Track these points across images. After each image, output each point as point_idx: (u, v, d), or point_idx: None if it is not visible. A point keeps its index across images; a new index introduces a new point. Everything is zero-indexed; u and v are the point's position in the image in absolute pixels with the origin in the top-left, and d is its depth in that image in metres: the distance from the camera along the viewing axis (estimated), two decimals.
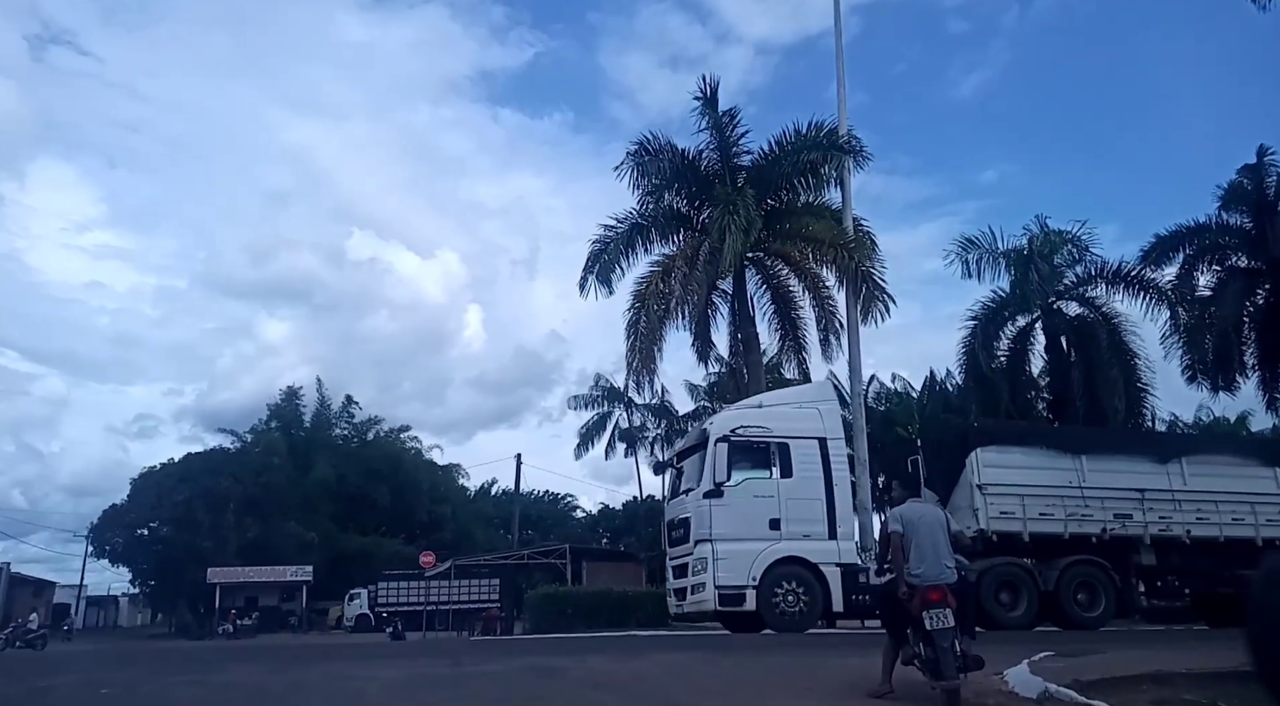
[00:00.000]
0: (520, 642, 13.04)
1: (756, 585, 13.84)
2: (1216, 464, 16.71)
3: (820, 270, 22.51)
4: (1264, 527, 16.15)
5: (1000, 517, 15.28)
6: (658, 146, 23.04)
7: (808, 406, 15.80)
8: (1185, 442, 18.42)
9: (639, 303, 22.93)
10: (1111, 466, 16.18)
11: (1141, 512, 15.87)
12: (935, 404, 31.55)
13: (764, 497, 14.52)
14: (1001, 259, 26.55)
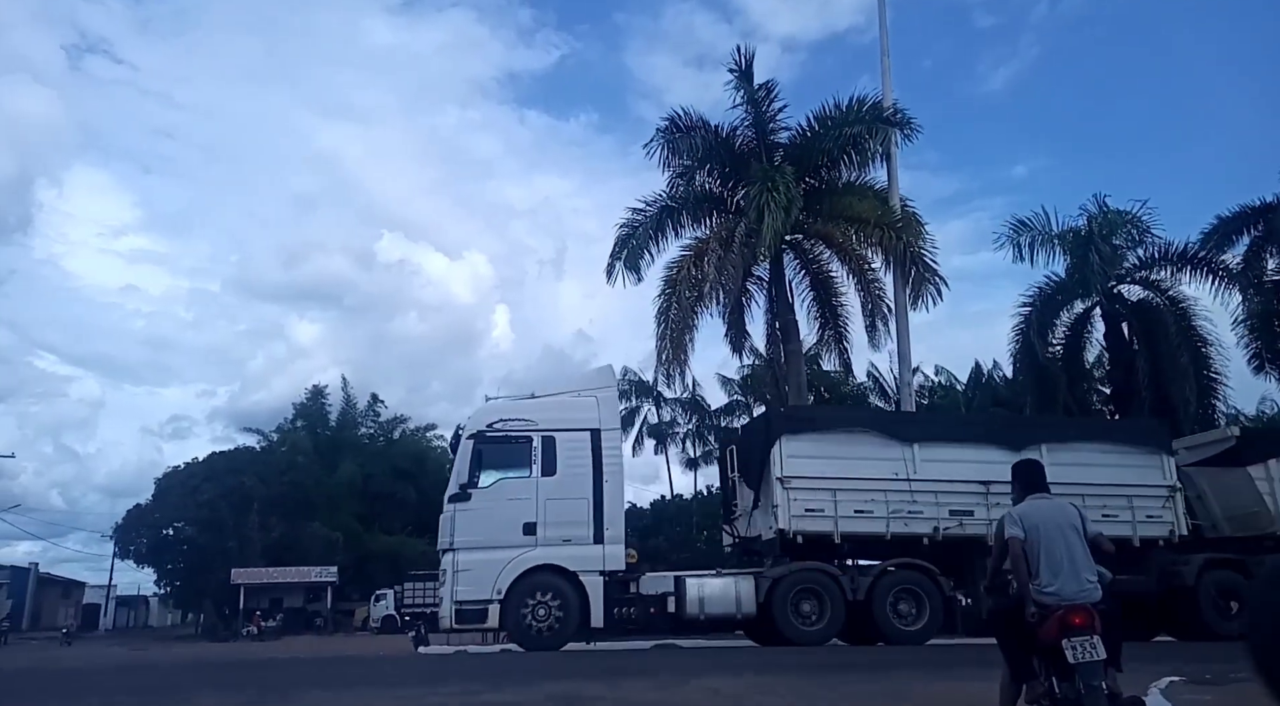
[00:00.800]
0: (544, 656, 11.68)
1: (502, 598, 12.22)
2: (1088, 451, 14.32)
3: (865, 252, 21.04)
4: (1143, 525, 13.91)
5: (805, 516, 13.22)
6: (689, 123, 21.66)
7: (586, 395, 13.86)
8: (1048, 428, 15.39)
9: (669, 288, 21.59)
10: (951, 455, 13.93)
11: (986, 509, 13.41)
12: (984, 397, 29.90)
13: (519, 499, 12.79)
14: (1056, 241, 24.86)
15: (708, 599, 12.66)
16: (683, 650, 13.36)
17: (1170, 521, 14.05)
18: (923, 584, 13.11)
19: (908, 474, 13.61)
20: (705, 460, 36.60)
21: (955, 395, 30.29)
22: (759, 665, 10.13)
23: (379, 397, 55.30)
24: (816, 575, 12.99)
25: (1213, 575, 13.74)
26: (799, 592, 12.86)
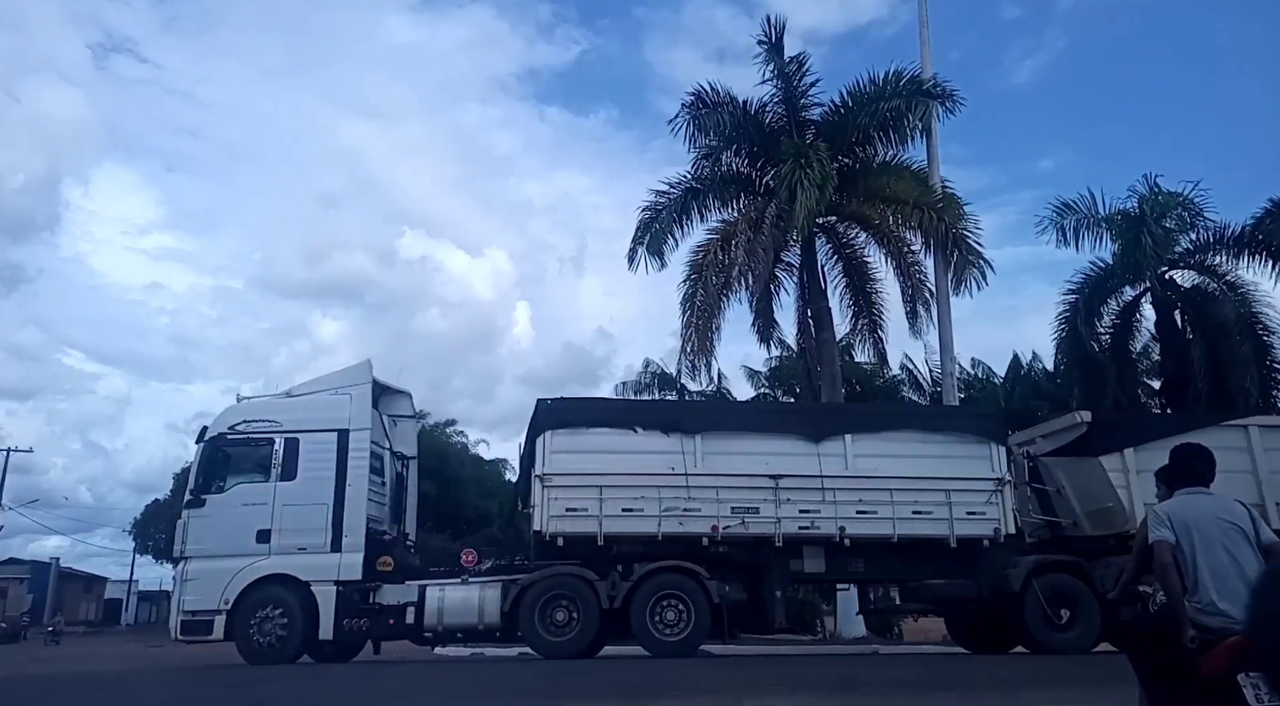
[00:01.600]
0: (566, 665, 10.68)
1: (229, 609, 11.63)
2: (901, 442, 12.91)
3: (905, 234, 19.84)
4: (962, 523, 12.41)
5: (565, 516, 12.11)
6: (716, 99, 20.57)
7: (340, 393, 12.97)
8: (853, 416, 14.16)
9: (695, 274, 20.50)
10: (740, 448, 12.58)
11: (775, 505, 12.25)
12: (1024, 390, 28.50)
13: (255, 505, 12.15)
14: (1103, 224, 23.46)
15: (447, 609, 11.88)
16: (718, 658, 12.36)
17: (995, 519, 12.49)
18: (687, 588, 11.82)
19: (686, 468, 12.29)
20: None
21: (993, 389, 28.89)
22: (815, 682, 9.05)
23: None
24: (569, 580, 11.91)
25: (1044, 579, 12.17)
26: (550, 600, 11.80)
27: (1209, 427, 13.00)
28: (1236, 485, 12.35)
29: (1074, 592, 12.12)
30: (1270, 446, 12.91)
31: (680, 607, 11.72)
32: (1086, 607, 11.96)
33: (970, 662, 12.16)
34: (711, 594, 11.67)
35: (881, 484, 12.38)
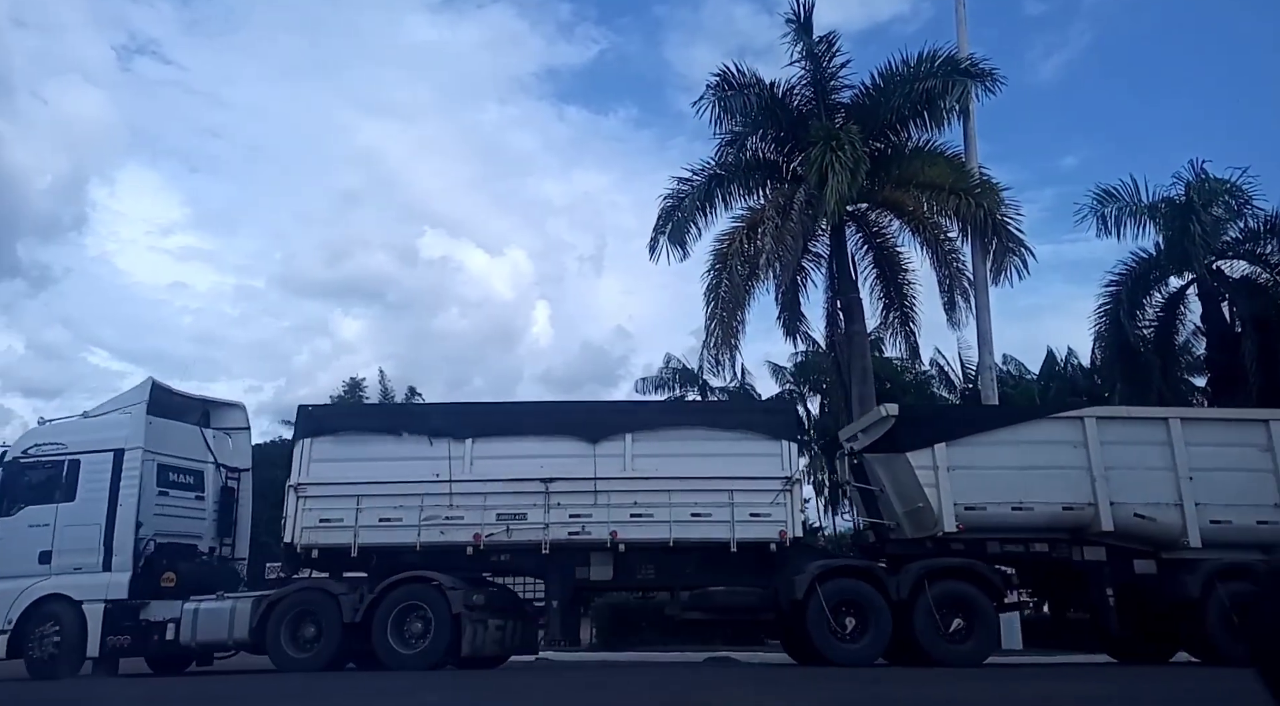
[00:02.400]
0: (585, 671, 9.92)
1: (11, 628, 11.96)
2: (683, 440, 12.17)
3: (941, 221, 18.90)
4: (744, 525, 11.69)
5: (319, 527, 11.81)
6: (743, 80, 19.69)
7: (122, 412, 12.92)
8: (634, 415, 13.25)
9: (719, 263, 19.66)
10: (512, 451, 12.10)
11: (544, 510, 11.75)
12: (1060, 387, 27.48)
13: (40, 527, 12.42)
14: (1146, 212, 22.39)
15: (200, 625, 11.83)
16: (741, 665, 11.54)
17: (781, 521, 11.73)
18: (430, 598, 11.38)
19: (451, 474, 11.87)
20: None
21: (1028, 385, 27.89)
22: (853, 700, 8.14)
23: (416, 391, 54.27)
24: (314, 595, 11.68)
25: (832, 585, 11.39)
26: (299, 615, 11.60)
27: (1038, 420, 12.57)
28: (1070, 482, 11.82)
29: (863, 600, 11.36)
30: (1109, 440, 12.07)
31: (423, 620, 11.41)
32: (877, 616, 11.26)
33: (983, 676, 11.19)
34: (452, 605, 11.24)
35: (659, 485, 11.76)
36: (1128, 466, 11.92)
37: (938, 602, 11.26)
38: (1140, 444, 12.10)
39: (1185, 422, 12.25)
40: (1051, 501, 11.83)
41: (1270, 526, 11.79)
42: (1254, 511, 11.85)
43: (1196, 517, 11.73)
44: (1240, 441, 12.11)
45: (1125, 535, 11.85)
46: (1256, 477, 11.92)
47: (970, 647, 11.26)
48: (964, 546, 11.90)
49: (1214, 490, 11.84)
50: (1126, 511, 11.76)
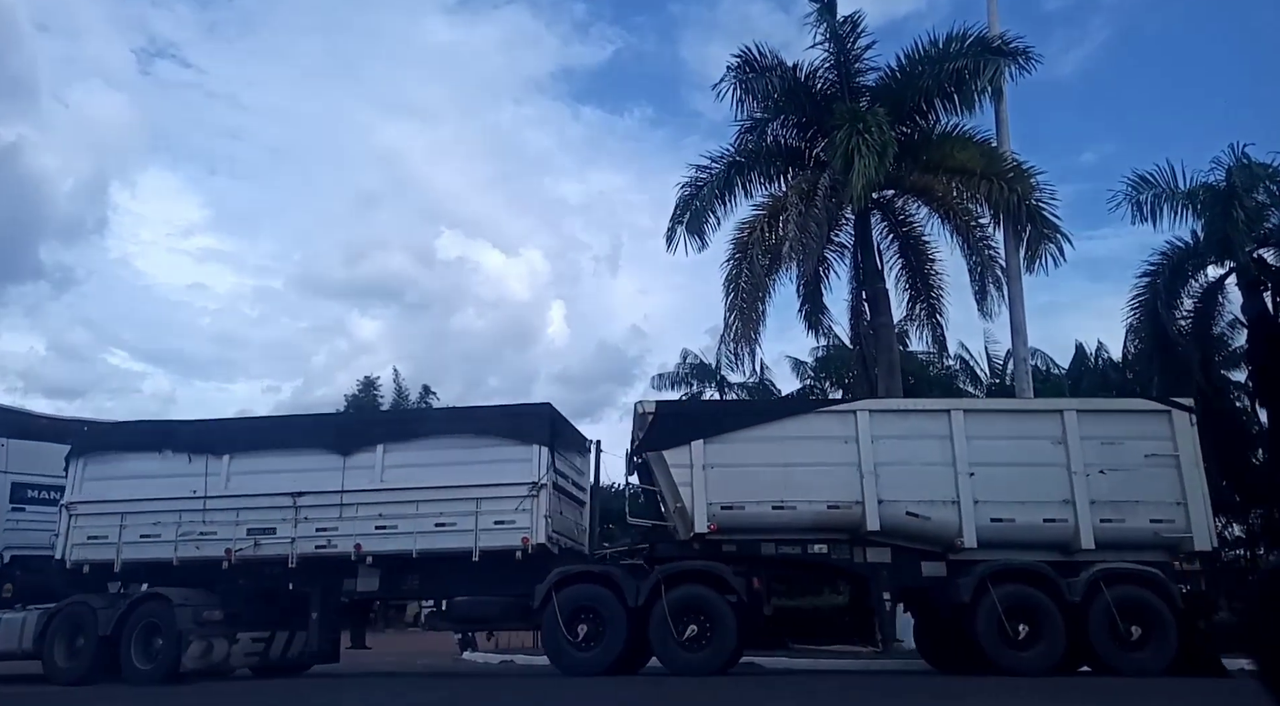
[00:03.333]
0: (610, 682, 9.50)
1: None
2: (435, 448, 12.09)
3: (973, 207, 18.13)
4: (489, 533, 11.50)
5: (87, 544, 12.30)
6: (765, 63, 18.98)
7: None
8: (386, 425, 13.52)
9: (739, 252, 18.96)
10: (267, 466, 12.24)
11: (293, 524, 11.87)
12: (1091, 382, 26.58)
13: None
14: (1184, 199, 21.50)
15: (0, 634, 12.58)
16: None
17: (526, 527, 11.48)
18: (162, 615, 11.78)
19: (207, 490, 12.19)
20: None
21: (1057, 381, 26.99)
22: None
23: (431, 389, 53.94)
24: (81, 608, 12.23)
25: (570, 592, 11.13)
26: (71, 627, 12.26)
27: (807, 414, 12.11)
28: (837, 478, 11.28)
29: (600, 606, 11.05)
30: (883, 434, 11.45)
31: (161, 635, 11.78)
32: (613, 623, 10.96)
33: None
34: (179, 621, 11.57)
35: (405, 495, 11.75)
36: (902, 462, 11.33)
37: (674, 608, 10.82)
38: (918, 438, 11.50)
39: (968, 414, 11.65)
40: (815, 499, 11.31)
41: (1058, 525, 11.06)
42: (1040, 509, 11.11)
43: (974, 516, 11.05)
44: (1030, 434, 11.40)
45: (899, 535, 11.26)
46: (1047, 472, 11.17)
47: (706, 655, 10.78)
48: (736, 548, 11.50)
49: (997, 486, 11.15)
50: (898, 510, 11.17)
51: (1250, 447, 22.89)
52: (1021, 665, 10.37)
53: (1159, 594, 10.51)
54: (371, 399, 53.79)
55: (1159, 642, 10.43)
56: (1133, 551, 10.98)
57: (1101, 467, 11.12)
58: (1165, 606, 10.45)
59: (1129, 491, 11.04)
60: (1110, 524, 11.00)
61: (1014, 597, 10.62)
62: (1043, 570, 10.79)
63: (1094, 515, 10.98)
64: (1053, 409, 11.86)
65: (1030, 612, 10.63)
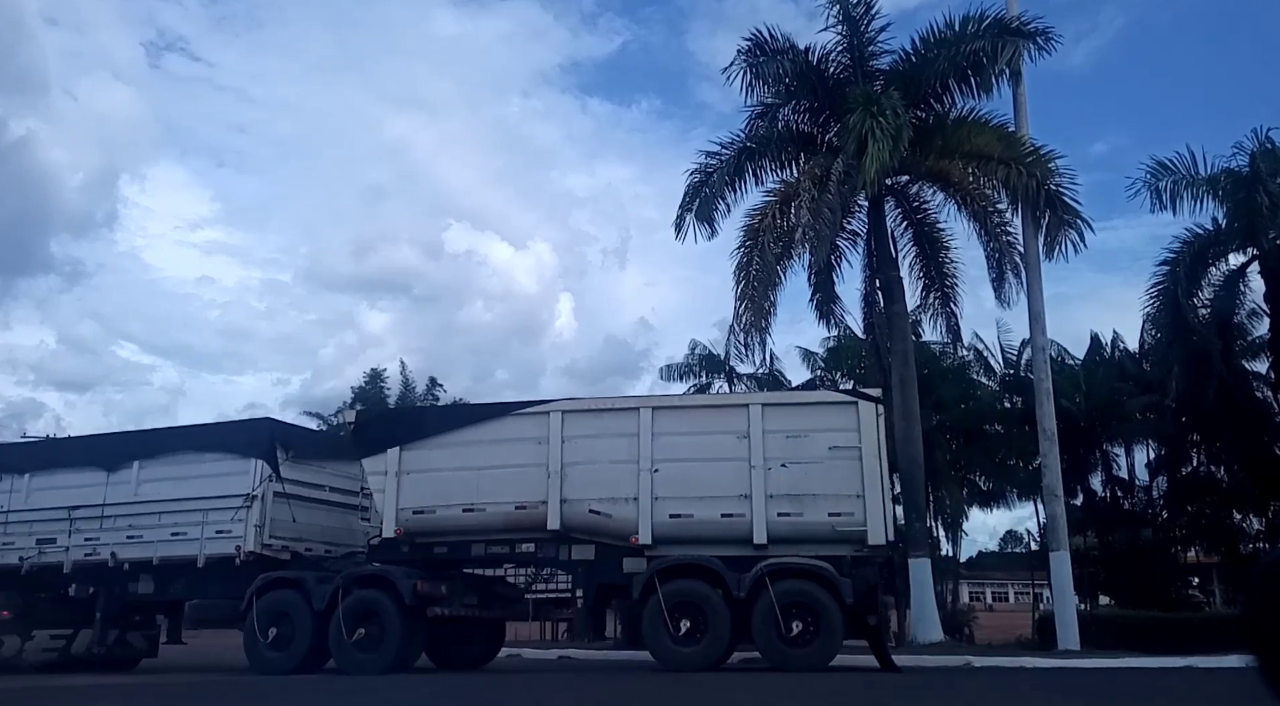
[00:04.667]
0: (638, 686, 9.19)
1: None
2: (181, 464, 13.10)
3: (991, 193, 17.69)
4: (212, 542, 12.41)
5: None
6: (776, 46, 18.54)
7: None
8: (140, 442, 14.04)
9: (750, 239, 18.56)
10: (54, 483, 13.75)
11: (68, 535, 13.29)
12: (1106, 372, 26.12)
13: None
14: (1205, 185, 21.03)
15: None
16: None
17: (239, 536, 12.27)
18: None
19: (10, 505, 13.83)
20: None
21: (1071, 371, 26.51)
22: None
23: (438, 382, 53.64)
24: None
25: (266, 598, 11.76)
26: None
27: (503, 417, 12.11)
28: (526, 480, 11.47)
29: (290, 610, 11.64)
30: (574, 434, 11.66)
31: None
32: (300, 625, 11.51)
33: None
34: None
35: (149, 508, 12.91)
36: (591, 461, 11.48)
37: (349, 612, 11.29)
38: (608, 437, 11.61)
39: (657, 411, 11.68)
40: (503, 501, 11.57)
41: (735, 520, 10.95)
42: (718, 504, 11.04)
43: (651, 512, 11.09)
44: (716, 429, 11.37)
45: (584, 532, 11.45)
46: (728, 467, 11.09)
47: (375, 656, 11.16)
48: (448, 549, 11.92)
49: (678, 482, 11.14)
50: (581, 508, 11.34)
51: (1274, 439, 22.44)
52: (682, 660, 10.42)
53: (826, 588, 10.34)
54: (379, 391, 53.43)
55: (825, 638, 10.33)
56: (811, 545, 10.81)
57: (784, 461, 10.99)
58: (832, 601, 10.27)
59: (809, 485, 10.90)
60: (788, 518, 10.87)
61: (680, 593, 10.63)
62: (711, 565, 10.72)
63: (771, 509, 10.87)
64: (739, 403, 12.15)
65: (696, 608, 10.64)
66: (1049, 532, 17.15)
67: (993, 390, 27.90)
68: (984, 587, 61.99)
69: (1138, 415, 24.82)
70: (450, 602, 11.68)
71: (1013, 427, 26.06)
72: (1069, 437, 22.23)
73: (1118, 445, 26.76)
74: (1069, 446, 22.28)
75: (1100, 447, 26.51)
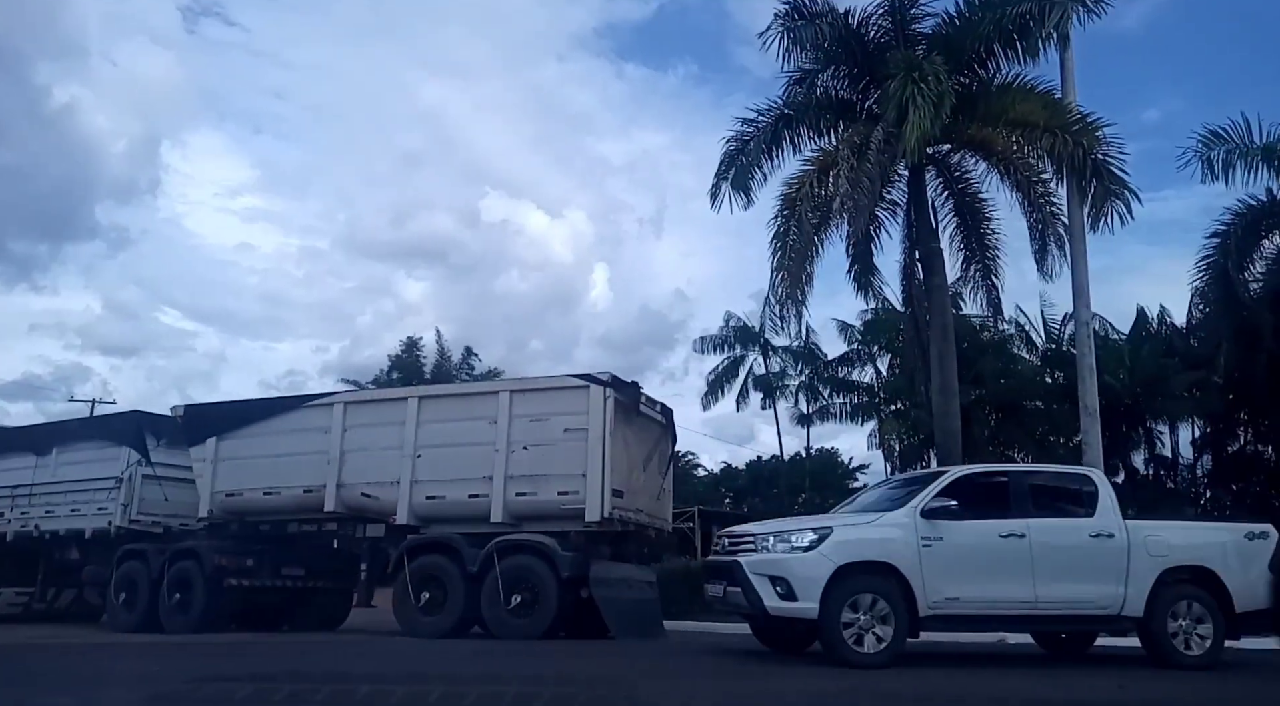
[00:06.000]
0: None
1: None
2: (83, 450, 15.56)
3: (1035, 162, 17.23)
4: (94, 517, 15.02)
5: None
6: (814, 10, 18.09)
7: None
8: (62, 432, 16.52)
9: (787, 209, 18.26)
10: (7, 465, 16.37)
11: (10, 509, 16.07)
12: (1153, 348, 25.51)
13: None
14: (1260, 154, 20.29)
15: None
16: None
17: (110, 513, 14.73)
18: None
19: None
20: (819, 417, 33.25)
21: (1115, 347, 25.93)
22: None
23: (473, 351, 54.05)
24: None
25: (124, 566, 14.15)
26: None
27: (299, 409, 13.68)
28: (313, 465, 13.00)
29: (136, 577, 13.91)
30: (355, 423, 13.06)
31: None
32: (141, 591, 13.75)
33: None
34: None
35: (58, 487, 15.38)
36: (365, 448, 12.88)
37: (171, 580, 13.42)
38: (381, 425, 12.91)
39: (423, 401, 13.00)
40: (294, 485, 13.24)
41: (480, 500, 12.09)
42: (467, 485, 12.22)
43: (409, 494, 12.39)
44: (472, 415, 12.45)
45: (360, 512, 13.01)
46: (477, 451, 12.21)
47: (190, 619, 13.22)
48: (270, 527, 13.80)
49: (436, 466, 12.40)
50: (354, 491, 12.79)
51: None
52: (423, 628, 11.66)
53: (545, 562, 11.30)
54: (415, 360, 54.04)
55: (540, 609, 11.30)
56: (544, 522, 11.87)
57: (525, 444, 12.01)
58: (550, 575, 11.22)
59: (544, 465, 11.88)
60: (524, 497, 11.94)
61: (424, 568, 11.88)
62: (451, 542, 11.88)
63: (510, 489, 11.95)
64: (492, 391, 13.35)
65: (437, 581, 11.81)
66: None
67: (1034, 365, 27.42)
68: None
69: (1183, 392, 24.25)
70: (256, 575, 13.48)
71: (1054, 403, 25.59)
72: (1111, 414, 21.82)
73: (1162, 422, 26.18)
74: (1111, 423, 21.86)
75: (1144, 424, 25.97)
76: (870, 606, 7.98)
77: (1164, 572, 8.61)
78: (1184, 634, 8.61)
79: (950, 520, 8.35)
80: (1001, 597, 8.44)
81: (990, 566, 8.39)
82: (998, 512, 8.69)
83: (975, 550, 8.40)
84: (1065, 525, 9.01)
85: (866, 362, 30.16)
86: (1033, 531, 8.54)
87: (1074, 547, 8.70)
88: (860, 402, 31.26)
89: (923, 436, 25.59)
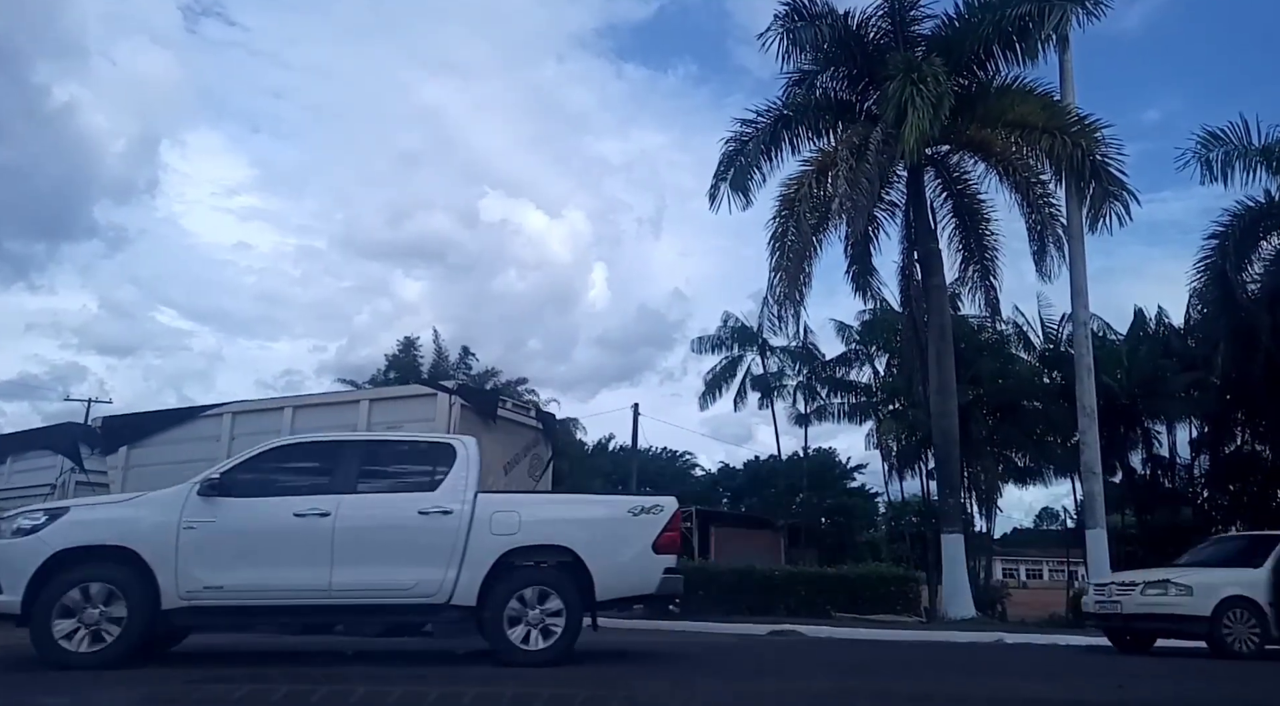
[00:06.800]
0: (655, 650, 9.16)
1: None
2: (34, 459, 15.70)
3: (1034, 164, 17.27)
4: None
5: None
6: (814, 11, 18.15)
7: None
8: (16, 441, 16.82)
9: (786, 209, 18.31)
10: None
11: None
12: (1150, 348, 25.54)
13: None
14: (1259, 156, 20.33)
15: None
16: None
17: None
18: None
19: None
20: (816, 417, 33.29)
21: (1113, 347, 25.96)
22: None
23: (470, 351, 54.03)
24: None
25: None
26: None
27: (197, 419, 13.90)
28: (200, 473, 12.47)
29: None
30: (241, 431, 13.17)
31: None
32: None
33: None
34: None
35: (13, 494, 14.77)
36: None
37: None
38: (262, 433, 12.57)
39: (297, 410, 13.11)
40: None
41: None
42: None
43: None
44: (336, 424, 12.48)
45: None
46: None
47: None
48: None
49: None
50: None
51: None
52: None
53: None
54: (412, 359, 54.04)
55: None
56: None
57: None
58: None
59: None
60: None
61: None
62: None
63: None
64: (354, 400, 13.57)
65: None
66: (1086, 510, 16.90)
67: (1032, 365, 27.45)
68: (1018, 565, 61.64)
69: (1181, 392, 24.30)
70: None
71: (1051, 403, 25.63)
72: (1109, 414, 21.85)
73: (1159, 422, 26.23)
74: (1109, 423, 21.91)
75: (1141, 424, 26.02)
76: (105, 598, 7.11)
77: (507, 553, 7.40)
78: (532, 624, 7.31)
79: (231, 498, 7.40)
80: (282, 585, 7.26)
81: (275, 549, 7.33)
82: (308, 489, 7.63)
83: (256, 532, 7.39)
84: (388, 501, 7.77)
85: (864, 363, 30.23)
86: (343, 508, 7.41)
87: (393, 527, 7.51)
88: (858, 403, 31.32)
89: (920, 436, 25.61)
